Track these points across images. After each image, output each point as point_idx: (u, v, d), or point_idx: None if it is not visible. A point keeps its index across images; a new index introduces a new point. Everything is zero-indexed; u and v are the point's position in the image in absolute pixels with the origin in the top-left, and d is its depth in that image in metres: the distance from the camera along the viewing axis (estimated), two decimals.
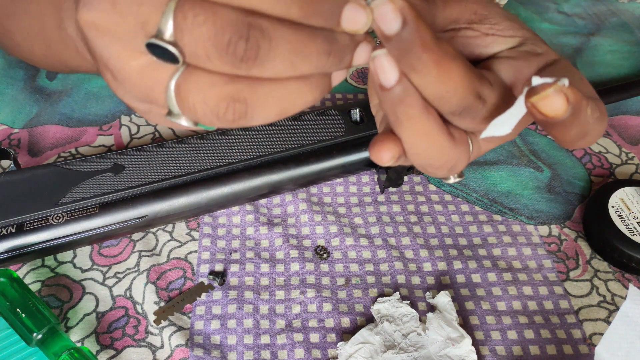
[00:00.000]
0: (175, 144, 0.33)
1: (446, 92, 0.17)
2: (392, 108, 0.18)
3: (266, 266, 0.32)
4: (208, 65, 0.15)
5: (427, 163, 0.19)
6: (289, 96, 0.16)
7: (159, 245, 0.33)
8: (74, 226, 0.30)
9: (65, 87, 0.43)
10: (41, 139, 0.39)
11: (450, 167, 0.20)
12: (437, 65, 0.16)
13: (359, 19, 0.15)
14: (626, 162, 0.39)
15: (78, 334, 0.29)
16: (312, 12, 0.15)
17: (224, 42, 0.14)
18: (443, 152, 0.19)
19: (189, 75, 0.15)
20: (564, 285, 0.32)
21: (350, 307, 0.30)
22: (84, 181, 0.31)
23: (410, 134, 0.18)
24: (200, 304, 0.30)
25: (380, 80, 0.17)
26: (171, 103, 0.16)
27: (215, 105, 0.16)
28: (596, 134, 0.18)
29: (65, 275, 0.31)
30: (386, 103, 0.18)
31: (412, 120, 0.18)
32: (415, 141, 0.18)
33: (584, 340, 0.29)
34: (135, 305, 0.30)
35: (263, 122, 0.17)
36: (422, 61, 0.16)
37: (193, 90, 0.15)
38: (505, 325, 0.30)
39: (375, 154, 0.19)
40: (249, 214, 0.34)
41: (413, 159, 0.19)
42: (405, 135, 0.18)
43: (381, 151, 0.19)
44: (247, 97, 0.16)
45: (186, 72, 0.15)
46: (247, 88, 0.16)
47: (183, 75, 0.16)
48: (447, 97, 0.17)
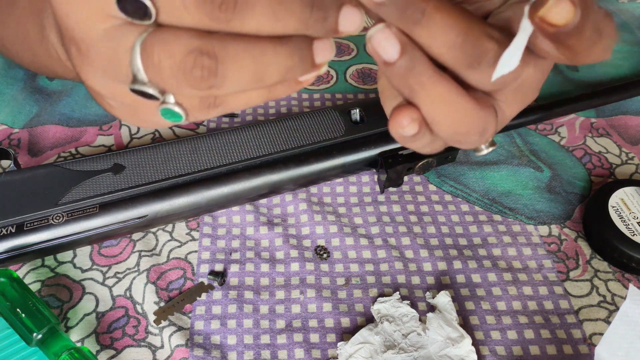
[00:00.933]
0: (175, 144, 0.33)
1: (456, 37, 0.16)
2: (403, 81, 0.17)
3: (266, 266, 0.32)
4: (184, 19, 0.14)
5: (453, 130, 0.18)
6: (263, 56, 0.16)
7: (159, 245, 0.33)
8: (74, 226, 0.30)
9: (65, 87, 0.43)
10: (41, 139, 0.39)
11: (480, 132, 0.19)
12: (439, 10, 0.16)
13: None
14: (626, 162, 0.39)
15: (78, 334, 0.29)
16: None
17: None
18: (467, 115, 0.18)
19: (158, 33, 0.15)
20: (564, 285, 0.32)
21: (350, 307, 0.30)
22: (84, 181, 0.31)
23: (428, 102, 0.18)
24: (200, 304, 0.30)
25: (382, 57, 0.17)
26: (135, 65, 0.15)
27: (182, 59, 0.15)
28: (610, 30, 0.17)
29: (65, 275, 0.31)
30: (395, 77, 0.17)
31: (427, 87, 0.17)
32: (435, 108, 0.18)
33: (584, 340, 0.29)
34: (135, 305, 0.30)
35: (236, 87, 0.16)
36: (424, 11, 0.16)
37: (160, 45, 0.15)
38: (505, 325, 0.30)
39: (393, 122, 0.18)
40: (249, 214, 0.34)
41: (438, 129, 0.18)
42: (424, 103, 0.18)
43: (399, 116, 0.18)
44: (217, 51, 0.15)
45: (155, 31, 0.15)
46: (218, 42, 0.15)
47: (151, 34, 0.15)
48: (458, 43, 0.16)
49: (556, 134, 0.41)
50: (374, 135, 0.35)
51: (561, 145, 0.40)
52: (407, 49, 0.17)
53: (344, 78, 0.45)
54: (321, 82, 0.44)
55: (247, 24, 0.15)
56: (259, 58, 0.16)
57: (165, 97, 0.17)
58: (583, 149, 0.40)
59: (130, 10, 0.15)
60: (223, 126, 0.40)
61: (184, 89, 0.16)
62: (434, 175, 0.38)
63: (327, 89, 0.44)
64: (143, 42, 0.15)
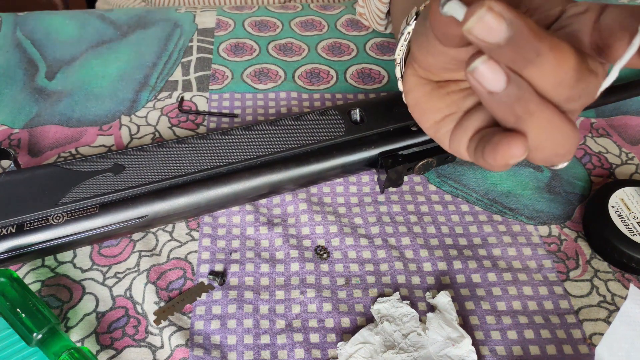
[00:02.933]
0: (175, 144, 0.33)
1: (565, 74, 0.17)
2: (508, 109, 0.18)
3: (266, 266, 0.32)
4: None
5: (555, 153, 0.19)
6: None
7: (159, 245, 0.33)
8: (74, 226, 0.30)
9: (65, 87, 0.43)
10: (41, 139, 0.39)
11: (574, 149, 0.19)
12: (552, 50, 0.16)
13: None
14: (626, 162, 0.39)
15: (78, 334, 0.29)
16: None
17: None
18: (568, 136, 0.19)
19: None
20: (564, 285, 0.32)
21: (350, 307, 0.30)
22: (84, 181, 0.31)
23: (536, 129, 0.18)
24: (200, 304, 0.30)
25: (487, 88, 0.17)
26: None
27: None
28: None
29: (65, 275, 0.31)
30: (500, 107, 0.18)
31: (535, 114, 0.18)
32: (542, 134, 0.18)
33: (584, 340, 0.29)
34: (135, 305, 0.30)
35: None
36: (538, 51, 0.16)
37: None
38: (505, 325, 0.30)
39: (504, 153, 0.18)
40: (249, 214, 0.34)
41: (538, 152, 0.19)
42: (532, 130, 0.18)
43: (512, 147, 0.18)
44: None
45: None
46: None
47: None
48: (566, 81, 0.17)
49: None
50: (374, 135, 0.35)
51: None
52: (515, 77, 0.17)
53: (344, 78, 0.45)
54: (321, 82, 0.44)
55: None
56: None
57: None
58: (583, 149, 0.40)
59: None
60: (223, 126, 0.40)
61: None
62: (434, 175, 0.38)
63: (327, 89, 0.44)
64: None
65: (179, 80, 0.44)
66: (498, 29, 0.15)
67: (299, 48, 0.48)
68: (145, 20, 0.50)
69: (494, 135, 0.19)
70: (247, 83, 0.44)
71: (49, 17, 0.50)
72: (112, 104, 0.42)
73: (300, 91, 0.43)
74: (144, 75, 0.44)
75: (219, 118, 0.41)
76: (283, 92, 0.43)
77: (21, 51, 0.46)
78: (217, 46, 0.47)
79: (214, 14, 0.51)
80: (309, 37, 0.49)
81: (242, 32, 0.49)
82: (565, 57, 0.16)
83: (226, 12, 0.51)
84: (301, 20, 0.51)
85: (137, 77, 0.44)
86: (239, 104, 0.42)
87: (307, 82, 0.44)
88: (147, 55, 0.46)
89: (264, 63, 0.46)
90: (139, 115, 0.41)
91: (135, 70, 0.45)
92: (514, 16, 0.15)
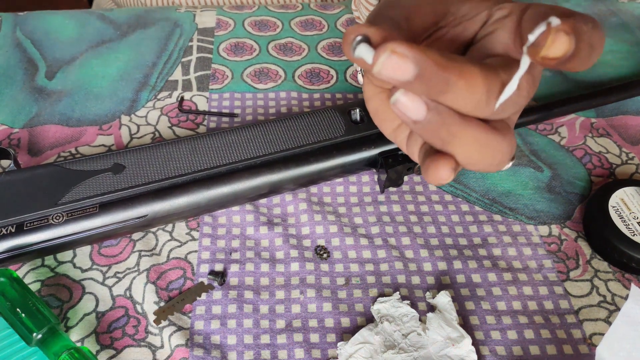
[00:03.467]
0: (175, 144, 0.33)
1: (479, 96, 0.17)
2: (433, 133, 0.18)
3: (266, 266, 0.32)
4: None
5: (489, 164, 0.20)
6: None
7: (159, 245, 0.33)
8: (74, 226, 0.30)
9: (65, 87, 0.43)
10: (41, 139, 0.39)
11: (510, 155, 0.20)
12: (461, 76, 0.17)
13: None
14: (626, 162, 0.39)
15: (78, 333, 0.29)
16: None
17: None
18: (498, 149, 0.19)
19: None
20: (564, 285, 0.32)
21: (350, 307, 0.30)
22: (84, 181, 0.31)
23: (462, 149, 0.18)
24: (200, 304, 0.30)
25: (410, 117, 0.18)
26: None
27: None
28: (598, 41, 0.18)
29: (65, 275, 0.31)
30: (425, 131, 0.18)
31: (458, 136, 0.18)
32: (469, 152, 0.19)
33: (584, 340, 0.29)
34: (135, 305, 0.30)
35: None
36: (447, 80, 0.16)
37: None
38: (505, 325, 0.30)
39: (432, 174, 0.19)
40: (249, 214, 0.34)
41: (471, 167, 0.20)
42: (458, 151, 0.19)
43: (439, 170, 0.19)
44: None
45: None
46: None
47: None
48: (482, 100, 0.17)
49: (556, 134, 0.41)
50: (374, 135, 0.35)
51: (561, 145, 0.40)
52: (433, 104, 0.17)
53: (344, 78, 0.45)
54: (321, 82, 0.44)
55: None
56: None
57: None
58: (583, 149, 0.40)
59: None
60: (223, 126, 0.40)
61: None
62: None
63: (327, 89, 0.44)
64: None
65: (178, 80, 0.44)
66: (404, 68, 0.16)
67: (299, 48, 0.48)
68: (145, 20, 0.50)
69: (428, 155, 0.20)
70: (247, 83, 0.44)
71: (49, 17, 0.50)
72: (112, 104, 0.42)
73: (300, 91, 0.43)
74: (144, 75, 0.44)
75: (219, 118, 0.41)
76: (283, 92, 0.43)
77: (21, 51, 0.46)
78: (217, 46, 0.47)
79: (213, 14, 0.51)
80: (309, 37, 0.49)
81: (242, 32, 0.49)
82: (474, 81, 0.17)
83: (226, 12, 0.51)
84: (301, 20, 0.51)
85: (137, 76, 0.44)
86: (239, 104, 0.42)
87: (307, 81, 0.44)
88: (147, 55, 0.46)
89: (264, 63, 0.46)
90: (139, 115, 0.41)
91: (135, 70, 0.45)
92: (418, 53, 0.16)
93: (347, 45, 0.18)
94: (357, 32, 0.17)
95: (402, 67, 0.16)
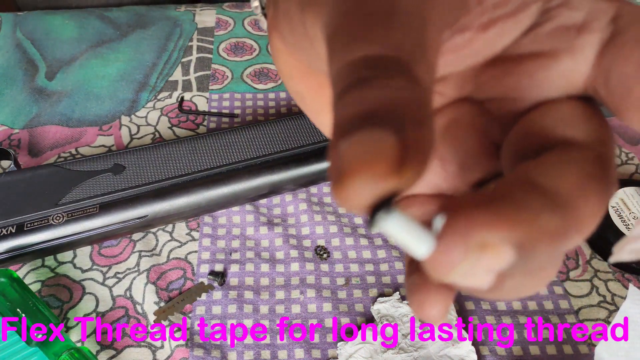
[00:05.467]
0: (175, 144, 0.33)
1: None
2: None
3: (266, 266, 0.32)
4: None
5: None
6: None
7: (159, 245, 0.33)
8: (74, 226, 0.30)
9: (65, 87, 0.43)
10: (41, 139, 0.39)
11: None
12: (579, 231, 0.10)
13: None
14: (626, 162, 0.39)
15: (78, 334, 0.29)
16: None
17: None
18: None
19: None
20: (564, 285, 0.32)
21: (350, 307, 0.30)
22: (84, 181, 0.31)
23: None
24: (200, 304, 0.30)
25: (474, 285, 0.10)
26: None
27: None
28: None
29: (65, 275, 0.31)
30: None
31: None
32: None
33: (584, 341, 0.29)
34: (135, 305, 0.30)
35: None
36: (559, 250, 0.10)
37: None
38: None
39: (427, 311, 0.12)
40: (249, 214, 0.34)
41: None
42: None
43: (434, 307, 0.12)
44: None
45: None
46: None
47: None
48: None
49: None
50: None
51: None
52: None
53: None
54: None
55: None
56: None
57: None
58: None
59: None
60: (223, 126, 0.40)
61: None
62: None
63: None
64: None
65: (179, 80, 0.44)
66: (498, 263, 0.09)
67: None
68: (145, 20, 0.50)
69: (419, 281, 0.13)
70: (247, 83, 0.44)
71: (48, 17, 0.50)
72: (112, 104, 0.42)
73: None
74: (144, 75, 0.44)
75: (218, 118, 0.41)
76: (283, 92, 0.43)
77: (21, 51, 0.46)
78: (217, 46, 0.47)
79: (213, 13, 0.51)
80: None
81: (241, 31, 0.49)
82: (592, 224, 0.10)
83: (226, 11, 0.51)
84: None
85: (137, 77, 0.44)
86: (239, 104, 0.42)
87: None
88: (147, 55, 0.46)
89: (264, 63, 0.46)
90: (139, 115, 0.41)
91: (135, 70, 0.45)
92: (521, 228, 0.09)
93: (353, 200, 0.09)
94: (372, 170, 0.08)
95: (497, 263, 0.09)
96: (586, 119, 0.11)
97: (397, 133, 0.09)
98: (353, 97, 0.09)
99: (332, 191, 0.09)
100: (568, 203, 0.10)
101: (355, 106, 0.09)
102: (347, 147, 0.09)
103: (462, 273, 0.09)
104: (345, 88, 0.09)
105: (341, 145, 0.09)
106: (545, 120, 0.12)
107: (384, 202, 0.09)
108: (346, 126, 0.09)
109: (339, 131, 0.09)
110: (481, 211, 0.09)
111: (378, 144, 0.08)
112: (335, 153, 0.09)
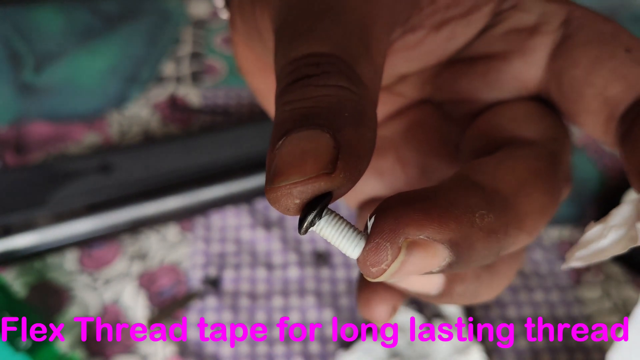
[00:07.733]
0: (167, 143, 0.32)
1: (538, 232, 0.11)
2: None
3: (263, 271, 0.31)
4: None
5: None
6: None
7: (150, 249, 0.32)
8: (62, 229, 0.29)
9: (52, 82, 0.42)
10: (28, 137, 0.38)
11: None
12: (522, 228, 0.10)
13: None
14: None
15: (66, 340, 0.28)
16: None
17: None
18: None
19: None
20: (576, 290, 0.31)
21: (352, 315, 0.29)
22: (73, 181, 0.30)
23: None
24: (193, 311, 0.29)
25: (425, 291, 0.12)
26: None
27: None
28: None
29: (54, 280, 0.30)
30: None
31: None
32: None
33: (596, 348, 0.28)
34: (126, 312, 0.29)
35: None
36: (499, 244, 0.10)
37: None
38: (516, 333, 0.29)
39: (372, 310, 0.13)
40: (244, 216, 0.33)
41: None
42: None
43: (379, 307, 0.13)
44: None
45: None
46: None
47: None
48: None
49: None
50: None
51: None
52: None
53: None
54: None
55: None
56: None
57: None
58: (595, 148, 0.39)
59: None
60: (217, 124, 0.39)
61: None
62: None
63: None
64: None
65: (170, 75, 0.42)
66: (434, 262, 0.09)
67: None
68: (134, 11, 0.48)
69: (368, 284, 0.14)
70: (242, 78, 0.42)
71: (35, 10, 0.48)
72: (100, 100, 0.40)
73: None
74: (134, 69, 0.43)
75: (212, 115, 0.39)
76: None
77: (6, 45, 0.44)
78: (211, 38, 0.46)
79: (207, 4, 0.49)
80: None
81: None
82: (540, 226, 0.11)
83: None
84: None
85: (127, 71, 0.43)
86: (235, 100, 0.41)
87: None
88: (137, 48, 0.45)
89: None
90: (129, 111, 0.39)
91: (125, 64, 0.43)
92: (454, 230, 0.09)
93: (282, 201, 0.09)
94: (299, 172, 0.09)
95: (430, 263, 0.09)
96: (539, 118, 0.11)
97: (330, 133, 0.08)
98: (292, 96, 0.09)
99: (265, 191, 0.09)
100: (507, 200, 0.10)
101: (292, 105, 0.09)
102: (280, 147, 0.09)
103: (394, 273, 0.09)
104: (285, 87, 0.09)
105: (276, 145, 0.09)
106: (498, 120, 0.12)
107: (315, 204, 0.09)
108: (282, 126, 0.09)
109: (275, 131, 0.09)
110: (410, 209, 0.09)
111: (310, 144, 0.08)
112: (270, 152, 0.09)
